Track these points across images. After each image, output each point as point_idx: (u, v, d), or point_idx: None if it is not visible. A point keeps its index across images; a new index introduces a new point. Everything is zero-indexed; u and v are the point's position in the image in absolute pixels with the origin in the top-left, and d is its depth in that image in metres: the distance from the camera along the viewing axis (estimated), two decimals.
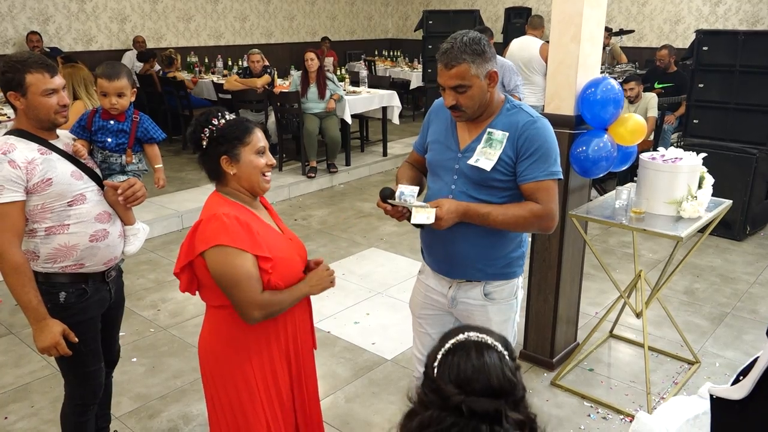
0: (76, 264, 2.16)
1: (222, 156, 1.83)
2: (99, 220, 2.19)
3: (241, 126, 1.85)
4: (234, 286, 1.76)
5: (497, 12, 11.14)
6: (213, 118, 1.83)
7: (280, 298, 1.83)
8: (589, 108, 2.94)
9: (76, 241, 2.13)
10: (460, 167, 2.04)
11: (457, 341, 1.12)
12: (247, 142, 1.84)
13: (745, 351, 3.49)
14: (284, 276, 1.85)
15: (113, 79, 2.31)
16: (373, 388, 3.20)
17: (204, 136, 1.82)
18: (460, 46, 1.90)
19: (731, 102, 5.19)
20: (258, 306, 1.77)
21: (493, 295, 2.14)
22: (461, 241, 2.05)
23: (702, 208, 2.92)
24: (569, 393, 3.14)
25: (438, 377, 1.09)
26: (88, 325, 2.24)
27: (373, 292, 4.27)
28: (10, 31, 7.88)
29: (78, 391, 2.32)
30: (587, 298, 4.09)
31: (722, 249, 5.03)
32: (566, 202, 3.12)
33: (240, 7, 10.39)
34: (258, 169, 1.86)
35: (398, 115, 7.63)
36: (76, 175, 2.14)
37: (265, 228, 1.89)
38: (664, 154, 3.03)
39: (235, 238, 1.75)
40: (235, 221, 1.77)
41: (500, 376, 1.06)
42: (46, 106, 2.06)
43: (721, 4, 8.98)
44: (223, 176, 1.86)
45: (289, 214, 5.92)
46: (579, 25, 2.91)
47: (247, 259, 1.76)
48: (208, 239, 1.75)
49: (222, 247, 1.74)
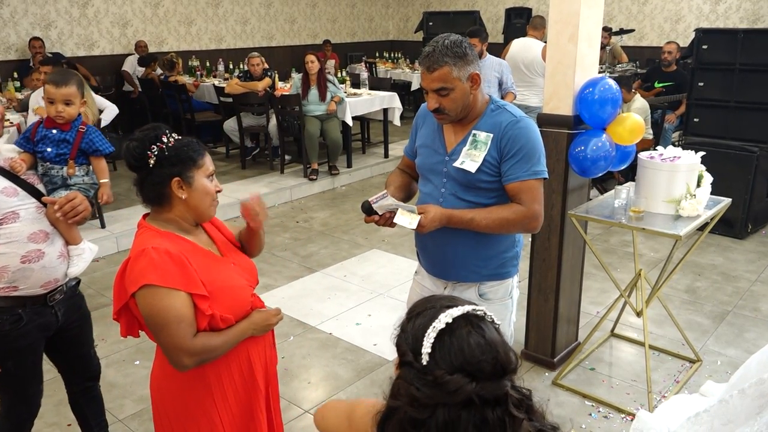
0: (9, 287, 2.01)
1: (173, 178, 1.63)
2: (33, 240, 2.02)
3: (194, 146, 1.68)
4: (161, 330, 1.58)
5: (498, 12, 11.14)
6: (162, 135, 1.64)
7: (215, 343, 1.63)
8: (587, 108, 2.95)
9: (6, 263, 1.97)
10: (448, 170, 2.06)
11: (450, 318, 0.98)
12: (200, 164, 1.67)
13: (746, 349, 3.49)
14: (231, 307, 1.68)
15: (61, 85, 2.20)
16: (375, 389, 3.21)
17: (152, 153, 1.61)
18: (442, 49, 1.91)
19: (731, 100, 5.20)
20: (187, 353, 1.58)
21: (488, 296, 2.15)
22: (454, 243, 2.07)
23: (701, 207, 2.92)
24: (570, 392, 3.15)
25: (434, 366, 0.95)
26: (26, 351, 2.12)
27: (375, 294, 4.28)
28: (12, 37, 7.92)
29: (15, 411, 2.22)
30: (588, 297, 4.10)
31: (724, 247, 5.03)
32: (565, 202, 3.13)
33: (241, 10, 10.42)
34: (210, 195, 1.70)
35: (399, 116, 7.64)
36: (9, 192, 1.99)
37: (203, 259, 1.69)
38: (663, 153, 3.04)
39: (165, 276, 1.56)
40: (165, 256, 1.58)
41: (506, 349, 0.96)
42: None
43: (722, 3, 8.97)
44: (167, 201, 1.66)
45: (291, 217, 5.94)
46: (576, 25, 2.92)
47: (177, 299, 1.56)
48: (137, 279, 1.57)
49: (150, 287, 1.55)
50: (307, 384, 3.27)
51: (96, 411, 2.52)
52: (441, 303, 1.02)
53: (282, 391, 3.16)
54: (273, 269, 4.69)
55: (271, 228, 5.63)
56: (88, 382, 2.45)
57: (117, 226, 5.18)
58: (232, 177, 6.88)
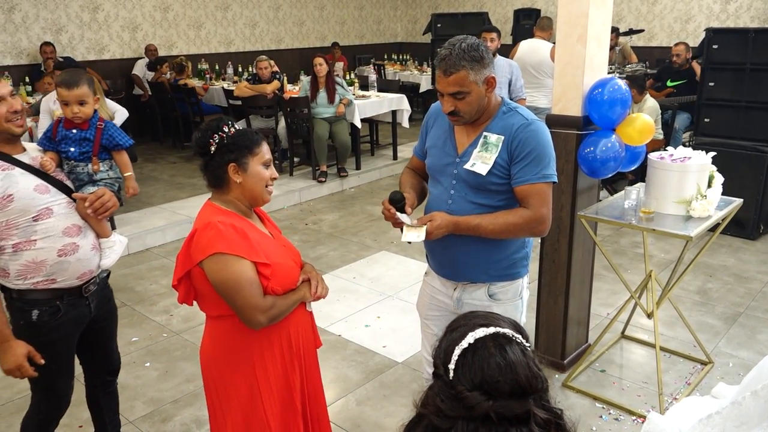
0: (47, 279, 2.10)
1: (230, 163, 1.82)
2: (67, 234, 2.11)
3: (251, 136, 1.86)
4: (237, 292, 1.75)
5: (506, 14, 11.13)
6: (224, 125, 1.83)
7: (281, 302, 1.83)
8: (597, 108, 2.94)
9: (44, 257, 2.07)
10: (458, 172, 2.06)
11: (473, 339, 1.02)
12: (256, 152, 1.84)
13: (759, 351, 3.46)
14: (282, 282, 1.85)
15: (72, 87, 2.25)
16: (385, 391, 3.21)
17: (213, 141, 1.82)
18: (459, 53, 1.90)
19: (742, 100, 5.15)
20: (262, 310, 1.77)
21: (498, 296, 2.14)
22: (462, 244, 2.06)
23: (712, 207, 2.90)
24: (581, 394, 3.13)
25: (457, 381, 0.99)
26: (61, 344, 2.19)
27: (384, 296, 4.28)
28: (24, 42, 8.00)
29: (44, 406, 2.28)
30: (598, 299, 4.08)
31: (735, 248, 4.99)
32: (575, 203, 3.12)
33: (250, 13, 10.46)
34: (263, 180, 1.87)
35: (408, 118, 7.65)
36: (41, 189, 2.08)
37: (260, 236, 1.89)
38: (673, 154, 3.02)
39: (233, 245, 1.74)
40: (231, 229, 1.76)
41: (527, 373, 0.98)
42: None
43: (732, 2, 8.91)
44: (226, 184, 1.86)
45: (300, 219, 5.95)
46: (585, 26, 2.91)
47: (246, 265, 1.75)
48: (205, 248, 1.74)
49: (220, 255, 1.73)
50: None
51: (112, 408, 2.58)
52: (475, 321, 1.06)
53: None
54: None
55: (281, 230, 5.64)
56: (108, 376, 2.52)
57: (128, 229, 5.21)
58: None
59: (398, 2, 13.11)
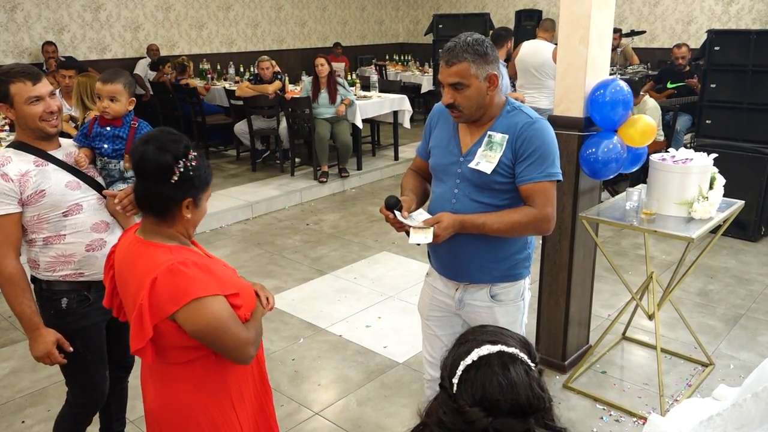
0: (75, 273, 2.18)
1: (187, 198, 1.60)
2: (95, 229, 2.19)
3: (209, 170, 1.66)
4: (224, 333, 1.57)
5: (508, 15, 11.13)
6: (189, 152, 1.58)
7: (256, 326, 1.70)
8: (599, 110, 2.94)
9: (73, 251, 2.15)
10: (462, 171, 2.05)
11: (477, 356, 1.03)
12: (210, 188, 1.67)
13: (759, 353, 3.46)
14: (249, 305, 1.72)
15: (107, 82, 2.31)
16: (385, 392, 3.21)
17: (177, 169, 1.55)
18: (463, 45, 1.92)
19: (744, 102, 5.15)
20: (251, 343, 1.63)
21: (500, 297, 2.14)
22: (465, 244, 2.06)
23: (713, 209, 2.90)
24: (582, 395, 3.13)
25: (459, 396, 1.01)
26: (92, 330, 2.25)
27: (385, 296, 4.28)
28: (26, 41, 8.01)
29: (80, 400, 2.33)
30: (600, 300, 4.08)
31: (737, 250, 4.98)
32: (576, 204, 3.12)
33: (251, 13, 10.47)
34: (204, 215, 1.70)
35: (409, 119, 7.65)
36: (72, 185, 2.14)
37: (215, 263, 1.70)
38: (675, 155, 3.02)
39: (205, 286, 1.55)
40: (195, 267, 1.56)
41: (528, 393, 0.99)
42: (31, 114, 2.05)
43: (734, 4, 8.91)
44: (171, 217, 1.61)
45: (301, 219, 5.96)
46: (587, 27, 2.91)
47: (223, 302, 1.58)
48: (178, 297, 1.51)
49: (197, 300, 1.52)
50: (317, 386, 3.28)
51: (119, 406, 2.62)
52: (484, 338, 1.06)
53: (292, 393, 3.19)
54: (283, 271, 4.70)
55: (281, 230, 5.65)
56: (120, 371, 2.55)
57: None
58: (243, 179, 6.91)
59: (400, 3, 13.12)
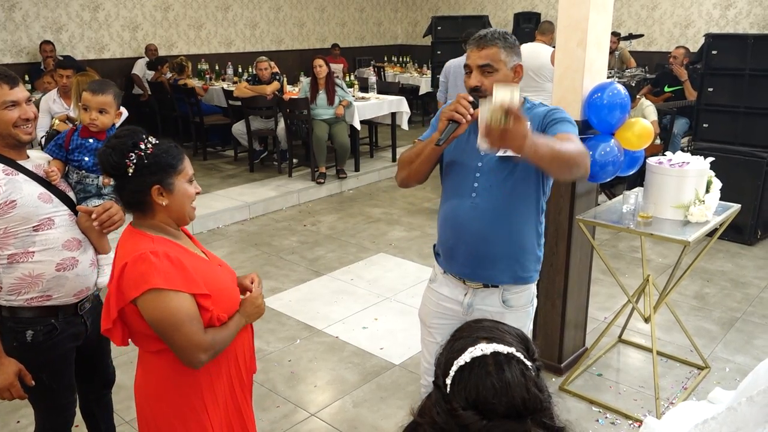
0: (43, 296, 1.98)
1: (153, 186, 1.61)
2: (67, 247, 2.01)
3: (173, 151, 1.66)
4: (176, 331, 1.57)
5: (506, 17, 11.14)
6: (140, 142, 1.61)
7: (222, 335, 1.66)
8: (596, 113, 2.94)
9: (42, 270, 1.95)
10: (483, 165, 2.05)
11: (469, 357, 0.98)
12: (180, 169, 1.65)
13: (755, 356, 3.46)
14: (226, 307, 1.70)
15: (97, 93, 2.22)
16: (381, 393, 3.21)
17: (130, 161, 1.59)
18: (494, 33, 2.02)
19: (741, 106, 5.17)
20: (203, 348, 1.60)
21: (511, 302, 2.13)
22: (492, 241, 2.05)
23: (710, 212, 2.91)
24: (578, 398, 3.13)
25: (452, 397, 0.97)
26: (59, 361, 2.10)
27: (382, 298, 4.28)
28: (24, 40, 7.99)
29: (49, 423, 2.20)
30: (596, 302, 4.08)
31: (733, 253, 5.00)
32: (573, 207, 3.12)
33: (250, 14, 10.47)
34: (190, 198, 1.69)
35: (407, 120, 7.65)
36: (44, 198, 1.98)
37: (196, 260, 1.71)
38: (671, 159, 3.03)
39: (169, 279, 1.56)
40: (165, 259, 1.58)
41: (524, 395, 0.95)
42: (5, 119, 1.90)
43: (732, 8, 8.94)
44: (149, 208, 1.65)
45: (299, 220, 5.96)
46: (585, 30, 2.92)
47: (185, 300, 1.57)
48: (139, 284, 1.55)
49: (156, 291, 1.55)
50: (313, 387, 3.27)
51: (107, 416, 2.55)
52: (479, 334, 1.02)
53: (288, 394, 3.19)
54: (280, 272, 4.70)
55: (278, 231, 5.65)
56: (103, 389, 2.47)
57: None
58: (241, 180, 6.91)
59: (399, 4, 13.13)
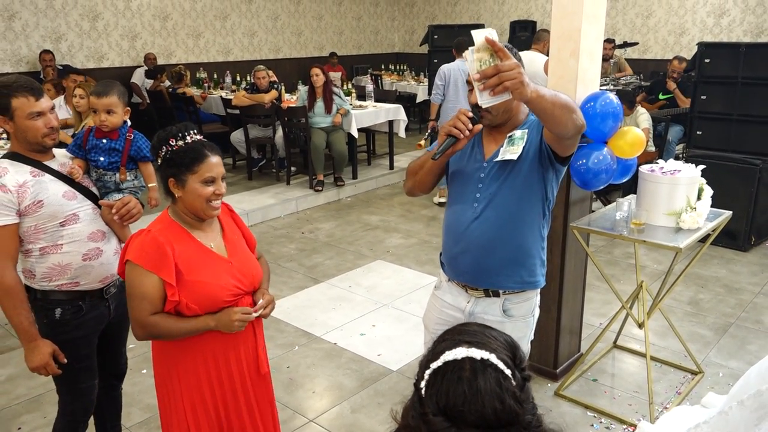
0: (71, 282, 2.19)
1: (169, 178, 1.87)
2: (92, 239, 2.21)
3: (193, 153, 1.85)
4: (129, 300, 1.84)
5: (503, 25, 11.22)
6: (172, 138, 1.86)
7: (171, 325, 1.84)
8: (589, 122, 2.97)
9: (70, 260, 2.16)
10: (486, 175, 2.09)
11: (447, 360, 0.95)
12: (195, 170, 1.85)
13: (748, 361, 3.50)
14: (199, 299, 1.85)
15: (102, 96, 2.34)
16: (379, 399, 3.24)
17: (161, 153, 1.87)
18: None
19: (734, 113, 5.23)
20: (140, 325, 1.83)
21: (512, 312, 2.15)
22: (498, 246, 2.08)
23: (701, 219, 2.95)
24: (572, 403, 3.17)
25: (425, 401, 0.94)
26: (82, 342, 2.27)
27: (379, 304, 4.31)
28: (23, 50, 8.05)
29: (69, 407, 2.34)
30: (592, 309, 4.12)
31: (727, 259, 5.04)
32: (567, 214, 3.17)
33: (248, 23, 10.54)
34: (202, 197, 1.86)
35: (404, 128, 7.71)
36: (69, 195, 2.17)
37: (194, 250, 1.89)
38: (663, 167, 3.08)
39: (144, 258, 1.80)
40: (152, 241, 1.82)
41: (496, 406, 0.90)
42: (33, 128, 2.08)
43: (726, 16, 9.03)
44: (171, 195, 1.91)
45: (297, 227, 5.99)
46: (578, 41, 2.97)
47: (148, 279, 1.80)
48: (126, 253, 1.85)
49: (131, 264, 1.82)
50: (311, 393, 3.31)
51: (114, 413, 2.63)
52: (461, 338, 0.99)
53: (286, 400, 3.22)
54: (279, 279, 4.73)
55: (277, 239, 5.69)
56: (113, 379, 2.57)
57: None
58: (239, 188, 6.95)
59: (396, 13, 13.22)
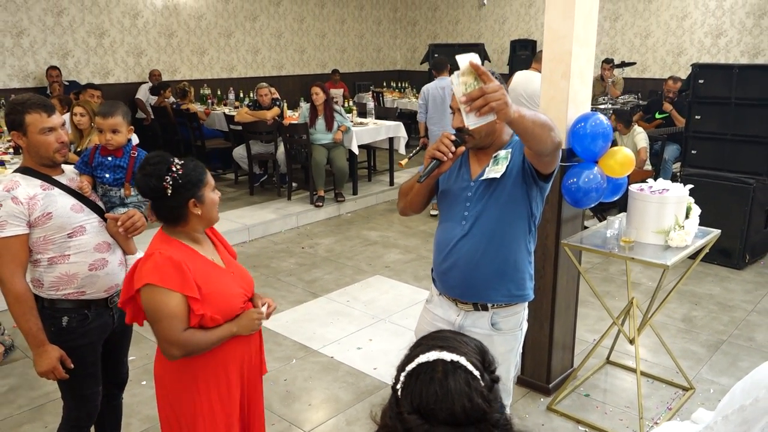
0: (78, 291, 2.28)
1: (190, 200, 1.88)
2: (98, 249, 2.31)
3: (199, 168, 1.92)
4: (156, 323, 1.84)
5: (503, 44, 11.37)
6: (171, 165, 1.87)
7: (202, 338, 1.87)
8: (580, 142, 3.07)
9: (77, 270, 2.26)
10: (472, 194, 2.15)
11: (420, 362, 1.04)
12: (207, 181, 1.92)
13: (739, 377, 3.49)
14: (221, 310, 1.91)
15: (107, 116, 2.45)
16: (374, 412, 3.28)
17: (167, 184, 1.85)
18: None
19: (728, 133, 5.32)
20: (176, 344, 1.84)
21: (500, 326, 2.21)
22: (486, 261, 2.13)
23: (689, 237, 3.02)
24: (564, 418, 3.22)
25: (401, 401, 1.02)
26: (87, 349, 2.36)
27: (376, 319, 4.37)
28: (31, 66, 8.19)
29: (74, 413, 2.41)
30: (585, 325, 4.18)
31: (722, 277, 5.10)
32: (559, 232, 3.24)
33: (252, 40, 10.69)
34: (216, 204, 1.97)
35: (404, 145, 7.81)
36: (76, 208, 2.27)
37: (203, 264, 1.93)
38: (652, 186, 3.15)
39: (164, 278, 1.81)
40: (167, 261, 1.83)
41: (465, 404, 0.98)
42: (45, 143, 2.19)
43: (723, 36, 9.15)
44: (184, 219, 1.91)
45: (297, 242, 6.07)
46: (568, 63, 3.06)
47: (173, 299, 1.82)
48: (142, 278, 1.84)
49: (151, 287, 1.82)
50: (308, 406, 3.36)
51: (114, 422, 2.69)
52: (434, 343, 1.07)
53: (283, 413, 3.27)
54: (278, 293, 4.80)
55: (277, 253, 5.76)
56: (115, 388, 2.64)
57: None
58: (241, 203, 7.04)
59: (398, 31, 13.39)
